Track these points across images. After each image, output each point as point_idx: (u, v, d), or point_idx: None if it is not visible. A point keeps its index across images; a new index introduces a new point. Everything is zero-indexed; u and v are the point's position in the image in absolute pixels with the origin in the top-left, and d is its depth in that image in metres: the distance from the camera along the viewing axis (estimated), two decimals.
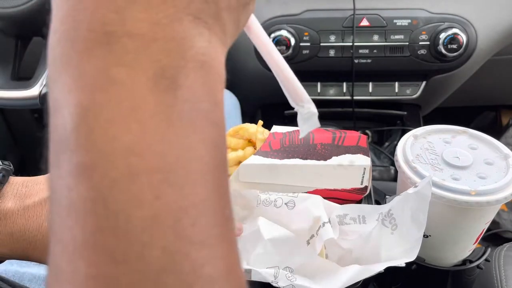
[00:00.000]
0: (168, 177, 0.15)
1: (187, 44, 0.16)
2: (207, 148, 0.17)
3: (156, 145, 0.15)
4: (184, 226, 0.16)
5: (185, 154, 0.16)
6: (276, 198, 0.47)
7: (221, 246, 0.17)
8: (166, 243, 0.15)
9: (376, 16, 0.86)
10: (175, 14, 0.16)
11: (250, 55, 0.89)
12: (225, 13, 0.19)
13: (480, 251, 0.50)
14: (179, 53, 0.16)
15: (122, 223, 0.15)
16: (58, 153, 0.16)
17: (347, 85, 0.92)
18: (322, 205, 0.46)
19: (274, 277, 0.41)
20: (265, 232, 0.44)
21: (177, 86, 0.16)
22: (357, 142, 0.49)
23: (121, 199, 0.15)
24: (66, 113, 0.16)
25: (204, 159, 0.16)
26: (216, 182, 0.17)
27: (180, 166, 0.16)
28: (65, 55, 0.16)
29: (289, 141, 0.49)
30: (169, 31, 0.16)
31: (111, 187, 0.15)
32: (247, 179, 0.49)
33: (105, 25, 0.15)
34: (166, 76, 0.16)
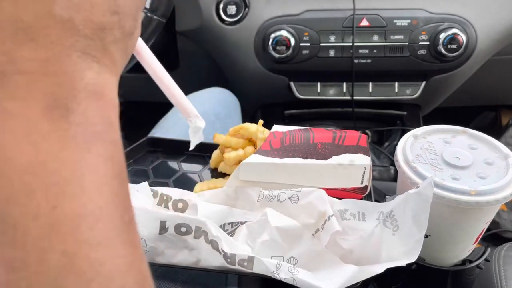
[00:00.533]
0: (64, 190, 0.17)
1: (77, 77, 0.18)
2: (103, 162, 0.19)
3: (51, 163, 0.17)
4: (82, 231, 0.17)
5: (80, 169, 0.18)
6: (279, 193, 0.47)
7: (120, 246, 0.19)
8: (66, 247, 0.17)
9: (376, 16, 0.86)
10: (63, 51, 0.18)
11: (250, 55, 0.90)
12: (111, 46, 0.21)
13: (480, 251, 0.50)
14: (70, 84, 0.18)
15: (19, 234, 0.17)
16: None
17: (347, 85, 0.92)
18: (326, 199, 0.46)
19: (276, 268, 0.42)
20: (272, 220, 0.44)
21: (69, 113, 0.18)
22: (357, 141, 0.49)
23: (17, 213, 0.17)
24: None
25: (100, 172, 0.19)
26: (113, 191, 0.19)
27: (75, 179, 0.18)
28: None
29: (290, 140, 0.49)
30: (59, 66, 0.18)
31: (7, 203, 0.17)
32: (247, 178, 0.49)
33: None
34: (59, 106, 0.18)
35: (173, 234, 0.43)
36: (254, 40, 0.88)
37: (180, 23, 0.92)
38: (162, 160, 0.60)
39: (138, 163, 0.59)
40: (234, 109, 0.82)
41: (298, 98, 0.94)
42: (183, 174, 0.58)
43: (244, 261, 0.42)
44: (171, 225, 0.43)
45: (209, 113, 0.75)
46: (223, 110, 0.78)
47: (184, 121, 0.75)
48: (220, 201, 0.49)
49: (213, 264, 0.43)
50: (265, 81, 0.93)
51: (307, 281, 0.41)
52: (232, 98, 0.84)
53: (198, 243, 0.43)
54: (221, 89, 0.85)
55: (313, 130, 0.50)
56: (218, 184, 0.52)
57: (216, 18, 0.89)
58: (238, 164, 0.50)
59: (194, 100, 0.80)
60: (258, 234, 0.44)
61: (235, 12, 0.88)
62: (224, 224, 0.48)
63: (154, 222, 0.43)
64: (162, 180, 0.57)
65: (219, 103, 0.79)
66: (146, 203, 0.47)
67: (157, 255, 0.45)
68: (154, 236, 0.43)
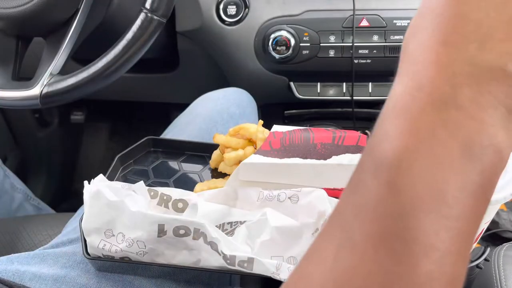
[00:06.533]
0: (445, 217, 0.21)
1: (490, 130, 0.21)
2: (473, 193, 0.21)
3: (441, 203, 0.20)
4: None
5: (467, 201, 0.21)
6: (279, 193, 0.47)
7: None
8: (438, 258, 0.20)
9: (375, 17, 0.86)
10: (493, 104, 0.21)
11: (250, 55, 0.90)
12: None
13: (480, 250, 0.50)
14: (483, 135, 0.21)
15: (409, 240, 0.20)
16: (368, 166, 0.22)
17: (347, 86, 0.92)
18: (326, 199, 0.46)
19: (276, 268, 0.42)
20: (272, 219, 0.44)
21: (478, 159, 0.21)
22: (357, 141, 0.50)
23: (415, 226, 0.20)
24: (387, 145, 0.21)
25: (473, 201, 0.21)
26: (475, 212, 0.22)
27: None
28: (404, 105, 0.22)
29: (289, 140, 0.49)
30: (481, 115, 0.21)
31: (410, 211, 0.20)
32: (247, 178, 0.49)
33: (441, 95, 0.21)
34: (472, 152, 0.21)
35: (172, 237, 0.43)
36: (254, 41, 0.88)
37: (180, 24, 0.92)
38: (162, 160, 0.60)
39: (138, 163, 0.59)
40: (250, 109, 0.82)
41: (298, 98, 0.94)
42: (183, 174, 0.58)
43: (244, 262, 0.42)
44: (169, 228, 0.43)
45: (223, 112, 0.75)
46: (238, 110, 0.77)
47: (198, 121, 0.75)
48: (220, 201, 0.49)
49: (213, 265, 0.43)
50: (265, 81, 0.93)
51: None
52: (248, 98, 0.84)
53: (197, 244, 0.43)
54: (236, 89, 0.84)
55: (313, 130, 0.51)
56: (218, 184, 0.52)
57: (216, 19, 0.89)
58: (238, 164, 0.50)
59: (209, 100, 0.81)
60: (258, 234, 0.45)
61: (235, 13, 0.88)
62: (224, 223, 0.48)
63: (152, 226, 0.43)
64: (162, 180, 0.57)
65: (234, 102, 0.79)
66: (144, 204, 0.47)
67: (157, 255, 0.45)
68: (153, 239, 0.44)
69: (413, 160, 0.21)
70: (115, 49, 0.62)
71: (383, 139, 0.22)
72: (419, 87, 0.21)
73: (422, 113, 0.21)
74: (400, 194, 0.21)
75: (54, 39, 0.66)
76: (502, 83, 0.20)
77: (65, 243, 0.56)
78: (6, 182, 0.88)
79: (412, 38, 0.23)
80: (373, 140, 0.23)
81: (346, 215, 0.23)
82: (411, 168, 0.21)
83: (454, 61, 0.21)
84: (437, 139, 0.20)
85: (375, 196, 0.21)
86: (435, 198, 0.20)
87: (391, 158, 0.21)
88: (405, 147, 0.21)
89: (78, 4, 0.65)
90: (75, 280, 0.48)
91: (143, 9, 0.62)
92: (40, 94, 0.63)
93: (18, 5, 0.62)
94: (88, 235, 0.45)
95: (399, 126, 0.21)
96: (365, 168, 0.23)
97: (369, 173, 0.22)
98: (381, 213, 0.21)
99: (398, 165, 0.21)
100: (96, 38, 0.70)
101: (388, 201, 0.21)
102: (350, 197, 0.23)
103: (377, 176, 0.21)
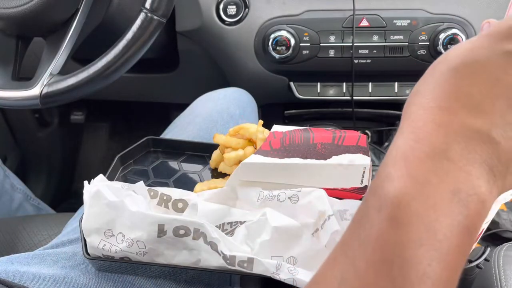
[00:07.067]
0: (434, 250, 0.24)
1: (475, 182, 0.24)
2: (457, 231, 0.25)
3: (433, 238, 0.24)
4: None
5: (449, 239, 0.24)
6: (279, 192, 0.47)
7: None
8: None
9: (375, 17, 0.86)
10: (477, 159, 0.25)
11: (250, 55, 0.90)
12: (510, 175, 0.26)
13: (480, 250, 0.50)
14: (469, 185, 0.24)
15: (406, 268, 0.23)
16: (372, 203, 0.26)
17: (347, 85, 0.92)
18: (326, 199, 0.46)
19: (276, 268, 0.42)
20: (272, 219, 0.44)
21: (464, 205, 0.24)
22: (357, 141, 0.49)
23: (411, 256, 0.23)
24: (390, 186, 0.25)
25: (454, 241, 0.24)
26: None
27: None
28: (404, 153, 0.26)
29: (289, 140, 0.49)
30: (467, 169, 0.25)
31: (407, 243, 0.24)
32: (247, 178, 0.49)
33: (435, 148, 0.25)
34: (460, 198, 0.24)
35: (172, 237, 0.43)
36: (254, 41, 0.88)
37: (180, 24, 0.92)
38: (162, 160, 0.60)
39: (138, 163, 0.59)
40: (250, 109, 0.82)
41: (298, 98, 0.94)
42: (183, 174, 0.58)
43: (244, 262, 0.42)
44: (169, 228, 0.43)
45: (223, 112, 0.75)
46: (238, 109, 0.77)
47: (198, 121, 0.75)
48: (220, 201, 0.49)
49: (213, 264, 0.43)
50: (265, 81, 0.93)
51: (307, 281, 0.41)
52: (248, 98, 0.84)
53: (197, 244, 0.43)
54: (236, 89, 0.84)
55: (312, 130, 0.51)
56: (218, 184, 0.52)
57: (216, 19, 0.89)
58: (238, 164, 0.50)
59: (209, 100, 0.80)
60: (258, 234, 0.45)
61: (235, 13, 0.88)
62: (224, 223, 0.48)
63: (152, 226, 0.43)
64: (162, 180, 0.57)
65: (234, 102, 0.79)
66: (144, 204, 0.47)
67: (157, 256, 0.45)
68: (153, 239, 0.44)
69: (411, 199, 0.24)
70: (115, 49, 0.62)
71: (386, 180, 0.25)
72: (417, 140, 0.26)
73: (419, 161, 0.25)
74: (400, 228, 0.24)
75: (54, 39, 0.66)
76: (486, 145, 0.25)
77: (65, 243, 0.56)
78: (6, 182, 0.88)
79: (414, 100, 0.27)
80: (377, 180, 0.26)
81: (351, 244, 0.26)
82: (409, 206, 0.24)
83: (448, 122, 0.25)
84: (430, 184, 0.24)
85: (378, 228, 0.25)
86: (428, 233, 0.24)
87: (392, 196, 0.25)
88: (405, 188, 0.25)
89: (78, 4, 0.65)
90: (75, 280, 0.48)
91: (143, 9, 0.62)
92: (40, 94, 0.63)
93: (18, 5, 0.62)
94: (88, 235, 0.45)
95: (399, 171, 0.25)
96: (369, 204, 0.26)
97: (373, 209, 0.25)
98: (383, 243, 0.24)
99: (399, 203, 0.24)
100: (96, 38, 0.70)
101: (389, 233, 0.24)
102: (355, 229, 0.26)
103: (380, 211, 0.25)
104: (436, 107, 0.26)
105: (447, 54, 0.28)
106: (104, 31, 0.72)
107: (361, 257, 0.25)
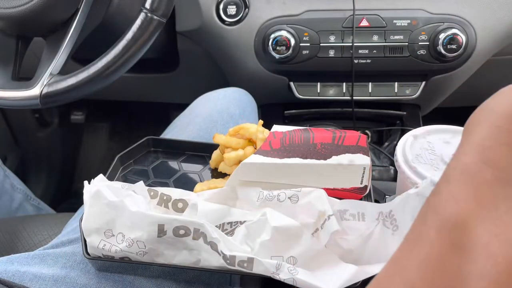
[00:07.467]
0: None
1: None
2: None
3: (495, 271, 0.22)
4: None
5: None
6: (279, 192, 0.47)
7: None
8: None
9: (375, 17, 0.86)
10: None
11: (250, 55, 0.90)
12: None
13: None
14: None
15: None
16: (432, 222, 0.24)
17: (347, 85, 0.92)
18: (326, 199, 0.46)
19: (276, 268, 0.42)
20: (272, 219, 0.44)
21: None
22: (357, 141, 0.49)
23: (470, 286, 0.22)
24: (454, 206, 0.24)
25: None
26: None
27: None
28: (471, 174, 0.24)
29: (289, 140, 0.49)
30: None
31: (469, 272, 0.22)
32: (247, 178, 0.49)
33: (506, 172, 0.23)
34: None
35: (172, 237, 0.43)
36: (254, 41, 0.88)
37: (180, 24, 0.92)
38: (162, 160, 0.60)
39: (138, 163, 0.59)
40: (250, 109, 0.82)
41: (298, 98, 0.94)
42: (183, 174, 0.58)
43: (244, 262, 0.42)
44: (169, 228, 0.43)
45: (223, 112, 0.75)
46: (238, 110, 0.77)
47: (198, 121, 0.75)
48: (220, 201, 0.49)
49: (213, 264, 0.43)
50: (265, 81, 0.93)
51: (307, 281, 0.41)
52: (248, 98, 0.84)
53: (197, 244, 0.43)
54: (236, 89, 0.84)
55: (312, 130, 0.51)
56: (218, 184, 0.52)
57: (216, 19, 0.89)
58: (238, 164, 0.50)
59: (209, 100, 0.80)
60: (258, 234, 0.45)
61: (235, 13, 0.88)
62: (223, 223, 0.48)
63: (152, 226, 0.43)
64: (162, 180, 0.57)
65: (234, 102, 0.79)
66: (144, 204, 0.47)
67: (157, 256, 0.45)
68: (153, 239, 0.44)
69: (476, 224, 0.23)
70: (115, 49, 0.62)
71: (450, 200, 0.24)
72: (487, 162, 0.24)
73: (488, 185, 0.24)
74: (463, 255, 0.23)
75: (54, 39, 0.66)
76: None
77: (65, 243, 0.56)
78: (6, 182, 0.88)
79: (483, 117, 0.27)
80: (438, 198, 0.25)
81: (408, 264, 0.24)
82: (474, 232, 0.23)
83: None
84: (498, 210, 0.23)
85: (439, 251, 0.23)
86: (491, 266, 0.22)
87: (456, 218, 0.23)
88: (471, 211, 0.23)
89: (78, 4, 0.65)
90: (75, 280, 0.48)
91: (143, 9, 0.62)
92: (40, 94, 0.63)
93: (18, 5, 0.62)
94: (88, 235, 0.45)
95: (465, 192, 0.24)
96: (428, 223, 0.25)
97: (433, 229, 0.24)
98: (444, 269, 0.23)
99: (463, 227, 0.23)
100: (96, 38, 0.70)
101: (451, 258, 0.23)
102: (411, 247, 0.25)
103: (441, 233, 0.24)
104: (507, 130, 0.24)
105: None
106: (104, 31, 0.72)
107: (419, 280, 0.24)
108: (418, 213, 0.26)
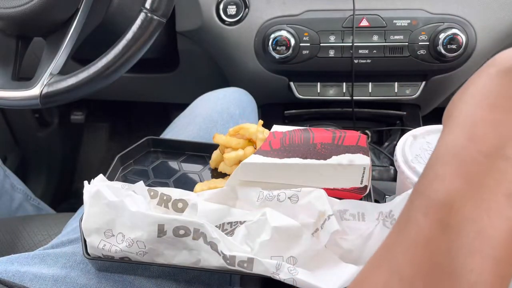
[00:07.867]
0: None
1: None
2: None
3: (486, 245, 0.22)
4: None
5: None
6: (279, 192, 0.47)
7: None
8: None
9: (375, 17, 0.86)
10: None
11: (250, 55, 0.90)
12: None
13: None
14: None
15: (456, 276, 0.22)
16: (419, 205, 0.24)
17: (347, 85, 0.92)
18: (326, 199, 0.46)
19: (276, 268, 0.42)
20: (271, 219, 0.44)
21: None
22: (357, 141, 0.49)
23: (461, 264, 0.22)
24: (440, 186, 0.23)
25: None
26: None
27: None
28: (456, 152, 0.24)
29: (289, 140, 0.49)
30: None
31: (458, 250, 0.22)
32: (247, 178, 0.49)
33: (491, 147, 0.23)
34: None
35: (172, 237, 0.43)
36: (254, 41, 0.88)
37: (180, 24, 0.92)
38: (162, 160, 0.60)
39: (138, 163, 0.59)
40: (250, 109, 0.82)
41: (298, 98, 0.94)
42: (183, 174, 0.58)
43: (244, 262, 0.42)
44: (169, 228, 0.43)
45: (223, 112, 0.75)
46: (238, 110, 0.77)
47: (198, 121, 0.75)
48: (220, 201, 0.49)
49: (213, 264, 0.43)
50: (265, 81, 0.93)
51: (307, 281, 0.41)
52: (248, 98, 0.84)
53: (197, 244, 0.43)
54: (236, 89, 0.84)
55: (312, 130, 0.51)
56: (218, 184, 0.52)
57: (216, 19, 0.89)
58: (238, 164, 0.50)
59: (209, 100, 0.80)
60: (258, 234, 0.45)
61: (235, 13, 0.88)
62: (223, 223, 0.48)
63: (152, 226, 0.43)
64: (162, 180, 0.57)
65: (234, 102, 0.79)
66: (143, 204, 0.47)
67: (157, 256, 0.45)
68: (153, 239, 0.44)
69: (464, 202, 0.23)
70: (115, 49, 0.62)
71: (435, 181, 0.24)
72: (470, 138, 0.24)
73: (473, 161, 0.23)
74: (450, 233, 0.22)
75: (54, 39, 0.66)
76: None
77: (65, 243, 0.56)
78: (6, 182, 0.88)
79: (462, 99, 0.26)
80: (423, 180, 0.25)
81: (395, 249, 0.24)
82: (462, 209, 0.23)
83: (501, 121, 0.24)
84: (485, 186, 0.23)
85: (426, 232, 0.23)
86: (481, 240, 0.22)
87: (443, 198, 0.23)
88: (457, 190, 0.23)
89: (78, 4, 0.65)
90: (75, 280, 0.48)
91: (143, 9, 0.62)
92: (40, 94, 0.63)
93: (18, 5, 0.62)
94: (88, 235, 0.45)
95: (451, 170, 0.24)
96: (415, 206, 0.24)
97: (420, 212, 0.24)
98: (431, 250, 0.23)
99: (450, 206, 0.23)
100: (96, 38, 0.70)
101: (438, 238, 0.23)
102: (399, 233, 0.25)
103: (428, 214, 0.23)
104: (487, 106, 0.25)
105: (494, 59, 0.27)
106: (104, 31, 0.72)
107: (406, 264, 0.23)
108: (407, 200, 0.26)
